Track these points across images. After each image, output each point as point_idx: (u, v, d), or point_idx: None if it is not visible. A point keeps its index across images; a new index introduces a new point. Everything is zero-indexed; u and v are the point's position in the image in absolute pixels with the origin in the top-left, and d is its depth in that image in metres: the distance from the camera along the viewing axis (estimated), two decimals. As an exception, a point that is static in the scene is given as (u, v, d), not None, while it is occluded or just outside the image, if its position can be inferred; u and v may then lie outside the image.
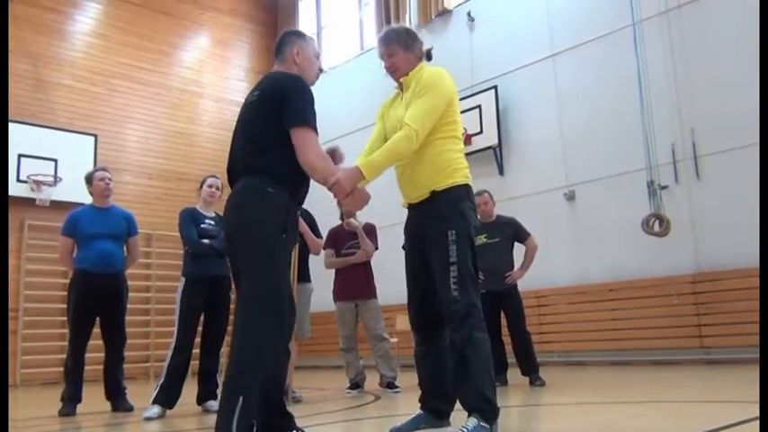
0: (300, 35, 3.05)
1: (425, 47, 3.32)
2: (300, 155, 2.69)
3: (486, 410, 2.80)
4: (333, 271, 6.20)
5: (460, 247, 2.91)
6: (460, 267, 2.89)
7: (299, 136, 2.69)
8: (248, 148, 2.79)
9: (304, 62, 2.98)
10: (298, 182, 2.81)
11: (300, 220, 5.18)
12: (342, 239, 6.12)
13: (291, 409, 3.08)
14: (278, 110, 2.72)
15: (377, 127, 3.35)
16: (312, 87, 2.96)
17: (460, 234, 2.93)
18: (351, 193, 2.84)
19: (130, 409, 5.02)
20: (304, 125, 2.71)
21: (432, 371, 3.13)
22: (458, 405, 2.98)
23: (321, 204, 6.58)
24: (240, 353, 2.56)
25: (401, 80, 3.20)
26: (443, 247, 2.91)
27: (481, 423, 2.75)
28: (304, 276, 5.49)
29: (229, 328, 5.22)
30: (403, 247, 6.62)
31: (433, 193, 3.02)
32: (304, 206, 3.23)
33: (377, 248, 6.18)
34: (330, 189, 2.80)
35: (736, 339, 6.89)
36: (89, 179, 5.33)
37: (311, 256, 5.78)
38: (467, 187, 3.07)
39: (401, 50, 3.17)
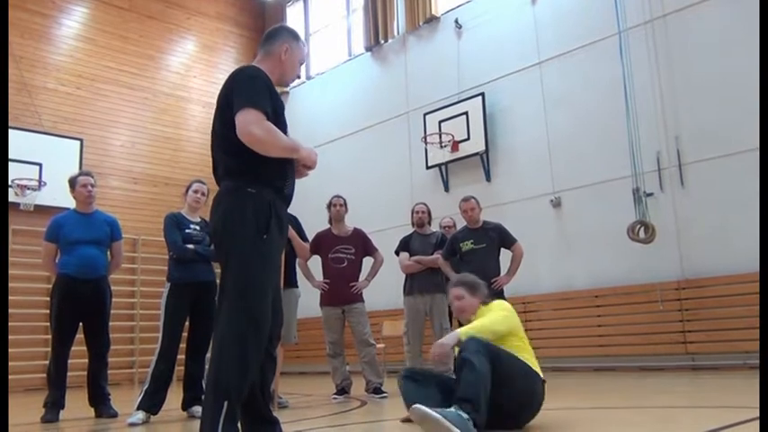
0: (295, 36, 3.01)
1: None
2: (240, 135, 2.57)
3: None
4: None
5: None
6: None
7: (237, 120, 2.59)
8: (221, 150, 2.76)
9: (287, 63, 2.93)
10: (279, 178, 2.74)
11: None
12: (326, 245, 6.11)
13: (277, 414, 3.06)
14: (231, 106, 2.66)
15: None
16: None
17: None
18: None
19: (114, 415, 4.97)
20: (243, 108, 2.59)
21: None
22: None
23: (311, 208, 6.59)
24: (220, 357, 2.53)
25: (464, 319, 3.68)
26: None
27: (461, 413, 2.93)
28: (291, 281, 5.46)
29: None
30: (396, 253, 6.64)
31: None
32: (290, 212, 3.21)
33: (376, 250, 6.20)
34: (301, 162, 2.79)
35: (721, 346, 6.95)
36: (72, 183, 5.28)
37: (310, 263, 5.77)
38: (537, 376, 3.48)
39: (467, 294, 3.67)
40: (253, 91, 2.65)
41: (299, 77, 3.07)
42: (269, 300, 2.66)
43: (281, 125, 2.75)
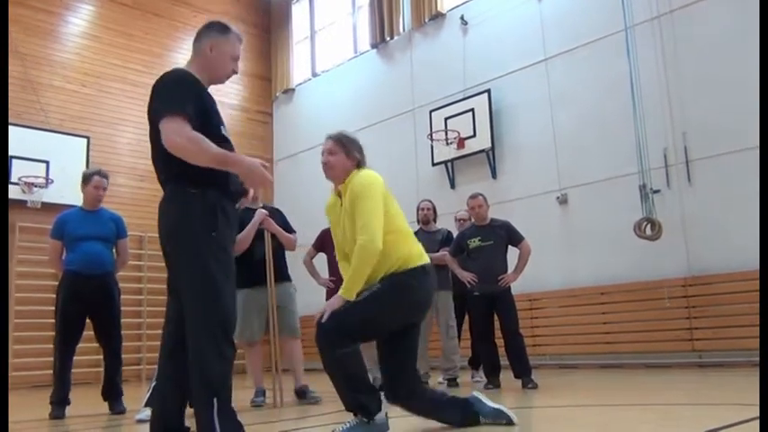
0: (222, 30, 2.93)
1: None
2: (164, 144, 2.54)
3: (361, 410, 3.03)
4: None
5: (370, 300, 3.05)
6: (360, 309, 3.03)
7: (161, 128, 2.55)
8: (157, 155, 2.73)
9: (216, 58, 2.87)
10: (221, 176, 2.69)
11: (270, 220, 5.18)
12: (331, 242, 6.09)
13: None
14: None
15: (331, 230, 3.51)
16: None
17: (381, 293, 3.07)
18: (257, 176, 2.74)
19: (123, 411, 5.00)
20: (164, 115, 2.56)
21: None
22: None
23: (316, 206, 6.59)
24: (200, 357, 2.55)
25: (339, 186, 3.31)
26: (367, 290, 3.09)
27: (357, 421, 3.00)
28: (283, 275, 5.44)
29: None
30: None
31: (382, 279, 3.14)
32: (275, 206, 3.24)
33: None
34: (242, 177, 2.71)
35: (728, 343, 6.93)
36: (86, 180, 5.28)
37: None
38: (422, 268, 3.19)
39: (343, 154, 3.29)
40: (173, 96, 2.62)
41: (235, 72, 2.99)
42: (231, 292, 2.67)
43: (212, 126, 2.72)
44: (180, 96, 2.62)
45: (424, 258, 3.24)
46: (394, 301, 3.10)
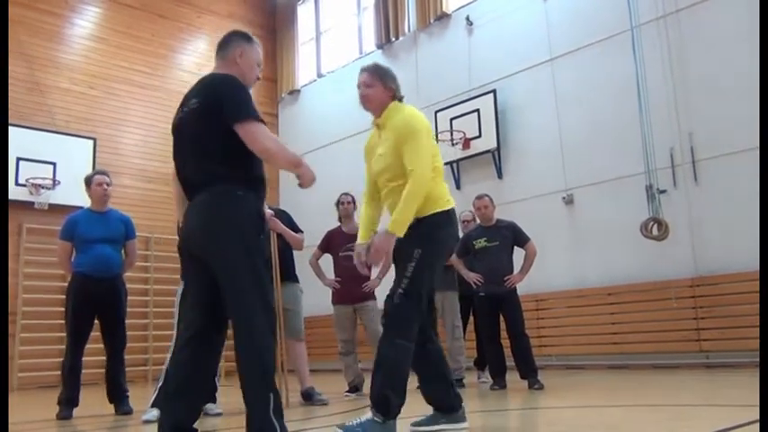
0: (248, 38, 3.03)
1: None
2: (255, 146, 2.66)
3: (380, 405, 3.03)
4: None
5: (419, 269, 3.12)
6: (411, 283, 3.11)
7: (245, 129, 2.66)
8: (203, 155, 2.75)
9: (245, 65, 2.96)
10: (261, 185, 2.82)
11: (277, 221, 5.19)
12: (337, 243, 6.11)
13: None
14: (219, 113, 2.69)
15: (366, 167, 3.55)
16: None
17: (424, 257, 3.13)
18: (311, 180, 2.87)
19: (129, 412, 5.01)
20: (246, 118, 2.67)
21: (420, 372, 3.36)
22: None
23: (322, 207, 6.61)
24: (255, 357, 2.61)
25: (377, 119, 3.38)
26: (406, 262, 3.14)
27: (374, 418, 3.01)
28: (290, 276, 5.47)
29: (231, 331, 5.27)
30: None
31: (416, 219, 3.18)
32: (280, 207, 3.29)
33: None
34: (298, 175, 2.82)
35: (735, 343, 6.90)
36: (88, 182, 5.33)
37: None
38: (448, 213, 3.27)
39: (380, 85, 3.35)
40: (248, 101, 2.72)
41: (258, 79, 3.08)
42: (270, 293, 2.77)
43: None
44: (251, 101, 2.75)
45: (452, 203, 3.31)
46: (440, 256, 3.24)
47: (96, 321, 5.21)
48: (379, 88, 3.33)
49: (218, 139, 2.69)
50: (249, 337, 2.62)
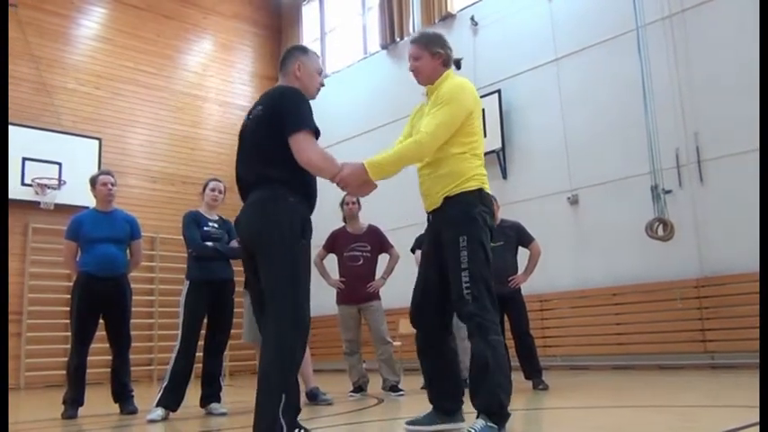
0: (304, 51, 3.18)
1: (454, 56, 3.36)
2: (300, 157, 2.79)
3: (495, 413, 2.84)
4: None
5: (472, 252, 2.98)
6: (472, 272, 2.97)
7: (295, 141, 2.80)
8: (260, 159, 2.90)
9: (304, 76, 3.09)
10: (312, 192, 2.95)
11: None
12: (342, 243, 6.12)
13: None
14: (280, 122, 2.84)
15: (406, 128, 3.44)
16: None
17: (471, 239, 3.00)
18: (358, 187, 2.97)
19: (134, 411, 5.03)
20: (299, 130, 2.81)
21: (432, 370, 3.28)
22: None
23: (328, 207, 6.59)
24: (279, 355, 2.68)
25: (426, 87, 3.27)
26: (455, 253, 2.99)
27: (489, 424, 2.78)
28: None
29: (235, 331, 5.29)
30: (412, 251, 6.62)
31: (446, 199, 3.10)
32: None
33: (392, 247, 6.19)
34: (337, 184, 2.92)
35: (741, 344, 6.88)
36: (93, 182, 5.36)
37: None
38: (479, 192, 3.11)
39: (428, 55, 3.22)
40: (305, 113, 2.85)
41: (322, 86, 3.21)
42: (307, 298, 2.83)
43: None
44: (309, 113, 2.87)
45: (485, 184, 3.16)
46: (485, 232, 3.06)
47: (101, 321, 5.23)
48: (427, 58, 3.22)
49: (274, 145, 2.84)
50: (272, 336, 2.71)
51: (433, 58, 3.22)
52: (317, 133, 2.87)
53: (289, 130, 2.81)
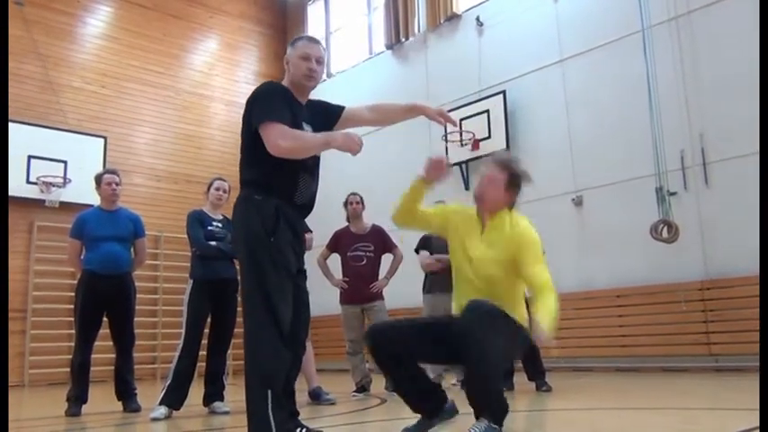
0: (293, 43, 3.16)
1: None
2: (269, 148, 2.78)
3: (495, 411, 2.81)
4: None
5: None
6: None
7: (262, 134, 2.81)
8: (241, 161, 3.00)
9: (292, 67, 3.10)
10: (290, 188, 2.91)
11: None
12: (345, 243, 6.12)
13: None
14: (250, 121, 2.89)
15: (435, 211, 3.38)
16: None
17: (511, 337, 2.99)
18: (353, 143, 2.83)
19: (137, 409, 5.04)
20: (260, 122, 2.81)
21: (400, 380, 3.11)
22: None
23: (332, 207, 6.59)
24: (254, 351, 2.76)
25: (487, 214, 3.16)
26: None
27: (491, 425, 2.76)
28: None
29: (238, 330, 5.29)
30: (416, 250, 6.59)
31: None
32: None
33: (395, 246, 6.17)
34: (340, 149, 2.83)
35: (745, 347, 6.85)
36: (98, 181, 5.38)
37: None
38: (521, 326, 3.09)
39: (503, 184, 3.14)
40: (268, 104, 2.86)
41: (311, 70, 3.06)
42: (283, 295, 2.81)
43: (295, 128, 2.91)
44: (275, 103, 2.87)
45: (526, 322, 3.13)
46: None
47: (105, 319, 5.24)
48: (501, 189, 3.14)
49: (248, 146, 2.92)
50: (246, 335, 2.79)
51: (506, 192, 3.16)
52: (294, 123, 2.84)
53: (255, 126, 2.84)
